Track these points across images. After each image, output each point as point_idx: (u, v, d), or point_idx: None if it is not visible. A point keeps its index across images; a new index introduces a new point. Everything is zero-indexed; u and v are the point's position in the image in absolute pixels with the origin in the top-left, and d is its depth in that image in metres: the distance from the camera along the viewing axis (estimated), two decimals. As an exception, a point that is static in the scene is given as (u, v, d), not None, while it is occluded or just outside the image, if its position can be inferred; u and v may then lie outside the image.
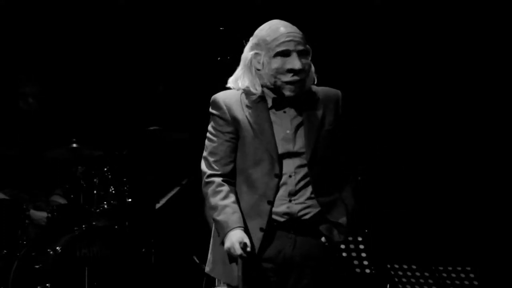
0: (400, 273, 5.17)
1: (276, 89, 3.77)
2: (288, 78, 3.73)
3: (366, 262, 5.38)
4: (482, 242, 6.44)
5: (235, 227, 3.67)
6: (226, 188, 3.75)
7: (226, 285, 3.80)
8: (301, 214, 3.75)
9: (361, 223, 5.39)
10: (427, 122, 6.71)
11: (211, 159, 3.80)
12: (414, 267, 5.15)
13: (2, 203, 6.25)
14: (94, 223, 6.25)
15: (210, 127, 3.84)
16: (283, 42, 3.72)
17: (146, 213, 6.61)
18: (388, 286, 5.33)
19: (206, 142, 3.84)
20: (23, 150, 6.57)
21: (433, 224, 6.60)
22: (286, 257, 3.75)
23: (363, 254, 5.37)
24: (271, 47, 3.72)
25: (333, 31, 6.75)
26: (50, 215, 6.26)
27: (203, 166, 3.82)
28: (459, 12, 6.56)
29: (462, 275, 5.06)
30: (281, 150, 3.75)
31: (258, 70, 3.77)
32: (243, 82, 3.80)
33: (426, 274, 5.13)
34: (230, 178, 3.78)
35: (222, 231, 3.70)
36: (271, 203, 3.73)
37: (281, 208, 3.74)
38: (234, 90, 3.84)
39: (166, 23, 7.23)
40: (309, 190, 3.76)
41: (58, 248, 6.01)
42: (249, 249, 3.64)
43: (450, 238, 6.52)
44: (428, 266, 5.14)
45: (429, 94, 6.70)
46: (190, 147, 5.86)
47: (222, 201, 3.73)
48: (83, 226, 6.16)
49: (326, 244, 3.79)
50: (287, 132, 3.77)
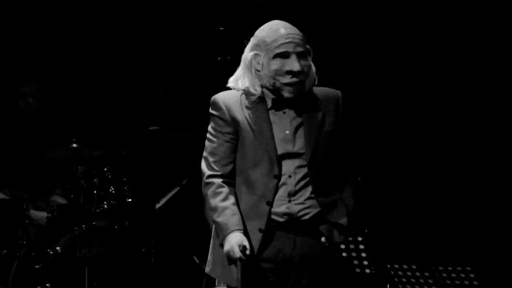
0: (400, 273, 5.17)
1: (275, 90, 3.77)
2: (287, 79, 3.73)
3: (366, 262, 5.38)
4: (482, 242, 6.44)
5: (235, 230, 3.67)
6: (226, 189, 3.75)
7: (226, 286, 3.80)
8: (300, 214, 3.75)
9: (361, 223, 5.39)
10: (427, 122, 6.71)
11: (211, 160, 3.79)
12: (414, 267, 5.15)
13: (2, 203, 6.25)
14: (94, 223, 6.24)
15: (210, 128, 3.83)
16: (282, 44, 3.71)
17: (146, 213, 6.61)
18: (388, 286, 5.33)
19: (206, 142, 3.83)
20: (23, 150, 6.57)
21: (433, 224, 6.59)
22: (285, 257, 3.75)
23: (363, 254, 5.37)
24: (271, 49, 3.71)
25: (333, 31, 6.75)
26: (50, 215, 6.26)
27: (203, 166, 3.81)
28: (459, 12, 6.56)
29: (462, 275, 5.06)
30: (280, 151, 3.74)
31: (258, 71, 3.76)
32: (243, 83, 3.80)
33: (426, 274, 5.13)
34: (230, 179, 3.78)
35: (221, 233, 3.70)
36: (270, 204, 3.73)
37: (280, 208, 3.74)
38: (234, 90, 3.83)
39: (166, 23, 7.23)
40: (308, 190, 3.75)
41: (58, 248, 6.00)
42: (248, 252, 3.64)
43: (450, 238, 6.51)
44: (428, 266, 5.14)
45: (429, 94, 6.70)
46: (190, 147, 5.86)
47: (222, 202, 3.73)
48: (83, 226, 6.16)
49: (326, 244, 3.79)
50: (287, 132, 3.77)
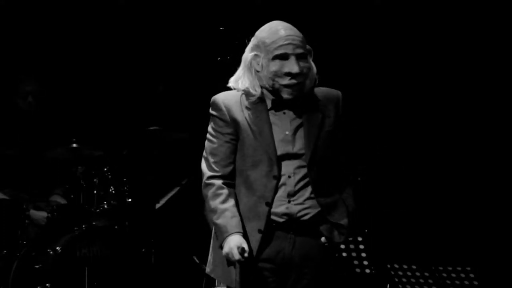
0: (400, 273, 5.17)
1: (274, 91, 3.76)
2: (285, 81, 3.72)
3: (366, 262, 5.38)
4: (482, 242, 6.44)
5: (234, 232, 3.67)
6: (226, 191, 3.75)
7: (226, 287, 3.80)
8: (300, 214, 3.74)
9: (361, 223, 5.39)
10: (427, 122, 6.71)
11: (212, 160, 3.79)
12: (414, 267, 5.15)
13: (2, 203, 6.25)
14: (94, 223, 6.24)
15: (210, 128, 3.83)
16: (282, 46, 3.70)
17: (146, 213, 6.61)
18: (388, 286, 5.33)
19: (206, 143, 3.83)
20: (23, 150, 6.56)
21: (433, 224, 6.59)
22: (285, 257, 3.75)
23: (363, 254, 5.37)
24: (270, 50, 3.71)
25: (333, 31, 6.74)
26: (50, 215, 6.26)
27: (203, 167, 3.81)
28: (459, 12, 6.55)
29: (462, 275, 5.06)
30: (280, 152, 3.74)
31: (258, 71, 3.76)
32: (244, 83, 3.79)
33: (426, 274, 5.13)
34: (230, 179, 3.77)
35: (220, 235, 3.70)
36: (269, 205, 3.72)
37: (280, 208, 3.74)
38: (234, 91, 3.83)
39: (166, 23, 7.22)
40: (308, 191, 3.75)
41: (58, 248, 6.00)
42: (247, 254, 3.63)
43: (450, 238, 6.51)
44: (428, 266, 5.14)
45: (429, 94, 6.70)
46: (190, 147, 5.86)
47: (221, 204, 3.72)
48: (83, 226, 6.16)
49: (326, 244, 3.78)
50: (286, 133, 3.77)
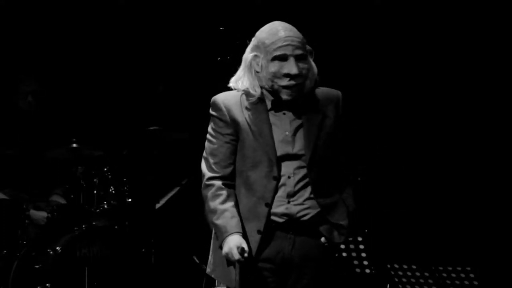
0: (400, 273, 5.17)
1: (274, 92, 3.76)
2: (284, 82, 3.72)
3: (366, 262, 5.38)
4: (482, 242, 6.44)
5: (233, 232, 3.67)
6: (225, 191, 3.75)
7: (226, 286, 3.80)
8: (300, 215, 3.74)
9: (361, 223, 5.39)
10: (427, 122, 6.71)
11: (212, 161, 3.79)
12: (414, 267, 5.15)
13: (2, 203, 6.25)
14: (94, 223, 6.24)
15: (210, 129, 3.83)
16: (281, 47, 3.69)
17: (146, 213, 6.61)
18: (388, 286, 5.33)
19: (206, 143, 3.83)
20: (23, 150, 6.56)
21: (433, 224, 6.59)
22: (285, 257, 3.75)
23: (363, 254, 5.37)
24: (269, 51, 3.70)
25: (333, 31, 6.74)
26: (50, 215, 6.26)
27: (203, 167, 3.81)
28: (459, 12, 6.55)
29: (462, 275, 5.06)
30: (280, 152, 3.74)
31: (257, 72, 3.75)
32: (244, 83, 3.79)
33: (426, 274, 5.13)
34: (230, 180, 3.77)
35: (220, 236, 3.70)
36: (269, 206, 3.72)
37: (279, 209, 3.74)
38: (235, 91, 3.82)
39: (166, 23, 7.22)
40: (308, 191, 3.75)
41: (58, 248, 6.01)
42: (246, 254, 3.63)
43: (450, 238, 6.51)
44: (428, 266, 5.14)
45: (429, 94, 6.69)
46: (190, 147, 5.86)
47: (221, 205, 3.72)
48: (83, 226, 6.16)
49: (326, 244, 3.78)
50: (286, 134, 3.76)
